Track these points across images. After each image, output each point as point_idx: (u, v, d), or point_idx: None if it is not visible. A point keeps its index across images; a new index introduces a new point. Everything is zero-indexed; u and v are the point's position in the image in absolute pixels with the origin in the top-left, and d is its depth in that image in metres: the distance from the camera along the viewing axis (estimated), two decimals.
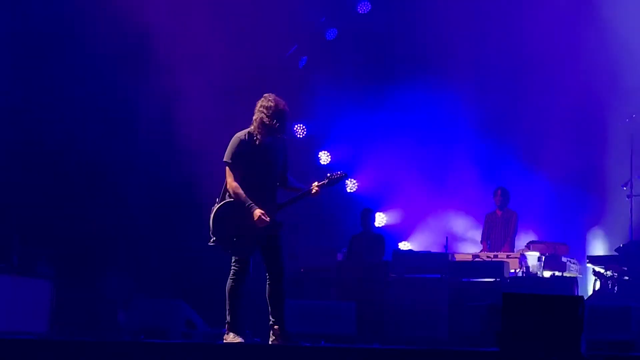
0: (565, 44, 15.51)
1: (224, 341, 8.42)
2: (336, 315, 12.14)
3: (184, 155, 14.42)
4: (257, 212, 8.47)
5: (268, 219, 8.50)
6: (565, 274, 13.13)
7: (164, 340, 7.33)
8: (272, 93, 8.81)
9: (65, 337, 7.25)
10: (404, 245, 16.24)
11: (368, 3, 16.73)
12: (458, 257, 13.61)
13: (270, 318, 8.67)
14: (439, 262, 13.17)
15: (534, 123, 15.78)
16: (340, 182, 9.19)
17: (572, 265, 13.42)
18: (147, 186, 15.02)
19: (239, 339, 8.45)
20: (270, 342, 8.46)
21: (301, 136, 17.11)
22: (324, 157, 17.14)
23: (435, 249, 14.44)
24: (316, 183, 8.93)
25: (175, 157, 14.68)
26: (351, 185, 17.13)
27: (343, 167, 16.86)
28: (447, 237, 13.67)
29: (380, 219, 16.57)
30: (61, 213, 14.45)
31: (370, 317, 12.68)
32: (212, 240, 8.62)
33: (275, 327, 8.63)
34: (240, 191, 8.54)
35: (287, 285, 13.42)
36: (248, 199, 8.51)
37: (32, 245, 14.16)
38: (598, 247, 15.14)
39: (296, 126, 17.11)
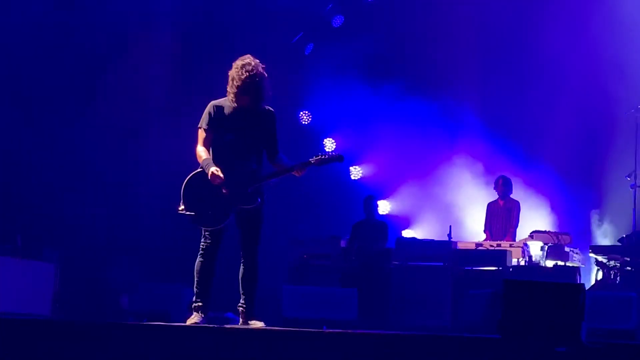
0: (572, 33, 15.47)
1: (187, 322, 8.04)
2: (338, 301, 12.16)
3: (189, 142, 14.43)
4: (212, 169, 8.05)
5: (222, 176, 8.03)
6: (568, 264, 13.13)
7: (165, 323, 7.34)
8: (252, 61, 8.17)
9: (67, 318, 7.25)
10: (407, 233, 16.25)
11: None
12: (461, 246, 13.62)
13: (241, 300, 8.33)
14: (442, 250, 13.19)
15: (538, 112, 15.78)
16: (332, 164, 8.56)
17: (575, 255, 13.42)
18: (154, 171, 15.05)
19: (196, 319, 8.07)
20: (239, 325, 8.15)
21: (306, 123, 17.11)
22: (329, 144, 17.13)
23: (438, 237, 14.43)
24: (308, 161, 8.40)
25: (181, 145, 14.70)
26: (355, 173, 17.14)
27: (347, 154, 16.92)
28: (450, 226, 13.64)
29: (384, 207, 16.57)
30: (67, 196, 14.50)
31: (372, 304, 12.71)
32: (180, 208, 8.24)
33: (242, 309, 8.28)
34: (203, 154, 8.19)
35: (289, 271, 13.68)
36: (208, 160, 8.15)
37: (36, 228, 14.22)
38: (601, 237, 15.13)
39: (301, 113, 17.11)
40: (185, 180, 8.33)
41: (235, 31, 15.11)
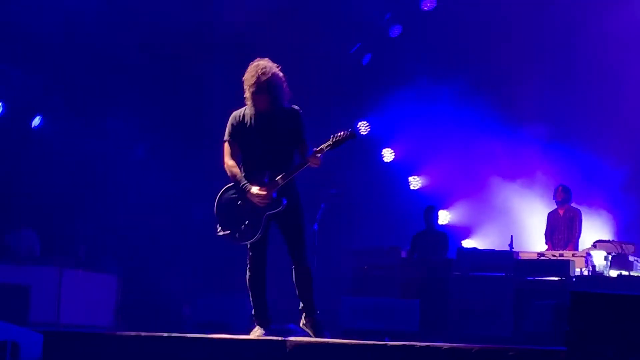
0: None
1: (250, 335, 7.95)
2: (399, 312, 12.12)
3: None
4: (253, 190, 7.90)
5: (265, 193, 7.85)
6: (632, 273, 12.90)
7: (230, 336, 7.34)
8: (267, 62, 7.99)
9: (129, 330, 7.28)
10: (467, 243, 16.14)
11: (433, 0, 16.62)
12: (523, 256, 13.46)
13: (300, 304, 8.18)
14: (503, 260, 13.05)
15: (601, 118, 15.55)
16: (346, 143, 8.07)
17: (639, 264, 13.21)
18: (213, 182, 15.08)
19: (258, 332, 8.01)
20: (301, 326, 8.07)
21: (365, 133, 17.08)
22: (388, 155, 17.12)
23: (498, 247, 14.31)
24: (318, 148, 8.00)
25: None
26: (414, 183, 17.08)
27: (407, 164, 16.92)
28: (511, 236, 13.51)
29: (444, 217, 16.48)
30: (127, 208, 14.64)
31: (433, 315, 12.63)
32: (218, 230, 8.16)
33: (303, 311, 8.18)
34: (234, 170, 8.05)
35: (350, 283, 13.63)
36: (242, 179, 7.98)
37: (98, 240, 14.38)
38: None
39: (359, 123, 17.09)
40: (215, 202, 8.22)
41: (293, 43, 15.13)
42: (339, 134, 8.03)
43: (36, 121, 15.92)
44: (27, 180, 14.84)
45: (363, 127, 17.14)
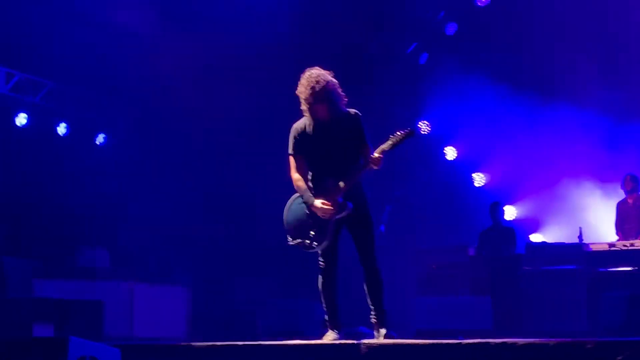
0: None
1: (324, 340, 7.98)
2: (471, 310, 12.09)
3: None
4: (317, 203, 7.93)
5: (329, 207, 7.87)
6: None
7: (303, 341, 7.37)
8: (319, 70, 7.95)
9: (202, 340, 7.35)
10: (535, 238, 16.01)
11: None
12: (593, 247, 13.32)
13: (371, 311, 8.16)
14: (574, 252, 12.96)
15: None
16: (406, 141, 8.06)
17: None
18: (277, 189, 15.13)
19: (332, 337, 8.04)
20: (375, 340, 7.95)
21: (426, 133, 17.03)
22: (450, 153, 17.06)
23: (567, 240, 14.17)
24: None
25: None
26: (478, 180, 16.99)
27: (469, 161, 16.84)
28: (580, 228, 13.38)
29: (510, 212, 16.36)
30: (194, 220, 14.77)
31: (506, 312, 12.58)
32: (288, 240, 8.18)
33: (374, 320, 8.13)
34: (300, 183, 8.07)
35: (419, 283, 13.60)
36: (307, 191, 8.02)
37: (168, 252, 14.52)
38: None
39: (420, 123, 17.05)
40: (284, 212, 8.27)
41: (350, 45, 15.14)
42: (397, 133, 8.02)
43: (100, 139, 16.15)
44: (94, 196, 15.06)
45: (424, 127, 17.10)
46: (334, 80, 7.98)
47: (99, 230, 14.65)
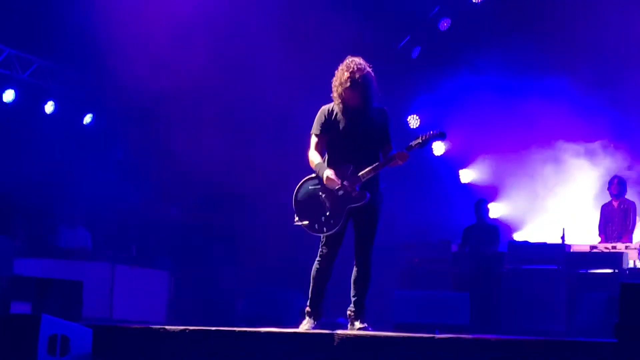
0: None
1: (299, 328, 8.00)
2: (450, 306, 12.08)
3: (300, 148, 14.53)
4: (327, 172, 7.93)
5: (339, 180, 7.89)
6: None
7: (277, 329, 7.36)
8: (362, 65, 7.91)
9: (182, 325, 7.32)
10: (518, 236, 16.04)
11: None
12: (575, 248, 13.37)
13: (351, 304, 8.16)
14: (555, 252, 12.99)
15: None
16: (432, 141, 8.32)
17: None
18: (264, 177, 15.13)
19: (308, 325, 8.05)
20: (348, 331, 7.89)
21: (415, 127, 17.03)
22: (438, 148, 17.05)
23: (550, 240, 14.20)
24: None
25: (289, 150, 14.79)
26: (465, 176, 17.01)
27: (458, 159, 16.84)
28: (563, 228, 13.41)
29: (495, 210, 16.38)
30: (178, 205, 14.75)
31: (485, 308, 12.60)
32: (295, 219, 8.15)
33: (351, 313, 8.14)
34: (314, 158, 8.07)
35: (401, 277, 13.61)
36: (321, 163, 8.03)
37: (150, 237, 14.50)
38: None
39: (409, 117, 17.05)
40: (295, 191, 8.24)
41: (342, 38, 15.11)
42: (428, 132, 8.12)
43: (87, 119, 16.10)
44: (79, 177, 15.02)
45: (413, 121, 17.10)
46: (372, 74, 7.99)
47: (82, 211, 14.60)
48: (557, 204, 15.92)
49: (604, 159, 15.62)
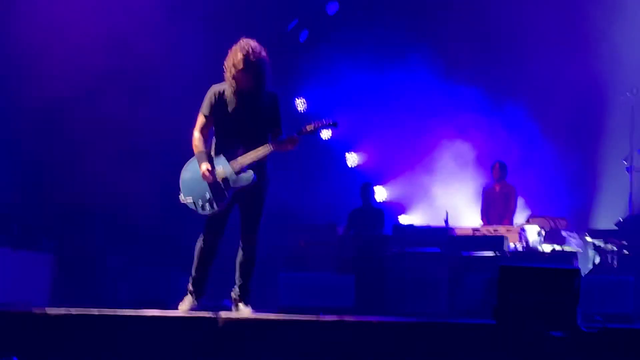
0: (567, 16, 15.44)
1: (180, 306, 8.08)
2: (335, 288, 12.20)
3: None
4: (203, 166, 7.95)
5: (213, 177, 7.95)
6: (565, 248, 13.12)
7: (159, 312, 7.33)
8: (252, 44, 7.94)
9: (64, 308, 7.22)
10: (403, 220, 16.25)
11: None
12: (458, 232, 13.61)
13: (235, 287, 8.26)
14: (439, 236, 13.19)
15: (534, 95, 15.74)
16: (324, 129, 8.55)
17: (572, 239, 13.42)
18: (151, 158, 14.94)
19: (190, 303, 8.11)
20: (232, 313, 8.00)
21: (302, 110, 17.07)
22: (325, 132, 17.12)
23: (435, 223, 14.43)
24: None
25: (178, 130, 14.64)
26: (351, 160, 17.13)
27: (344, 142, 16.95)
28: (446, 212, 13.63)
29: (380, 194, 16.56)
30: (63, 185, 14.47)
31: (370, 291, 12.72)
32: (180, 196, 8.19)
33: (235, 296, 8.23)
34: (198, 142, 8.08)
35: (286, 258, 13.65)
36: (202, 153, 8.04)
37: (33, 217, 14.20)
38: (598, 221, 15.11)
39: (297, 100, 17.08)
40: (183, 169, 8.25)
41: (231, 21, 15.03)
42: (321, 120, 8.22)
43: None
44: None
45: (300, 104, 17.13)
46: (267, 58, 7.97)
47: None
48: (442, 188, 16.17)
49: (484, 143, 15.96)
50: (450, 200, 15.63)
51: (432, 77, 16.08)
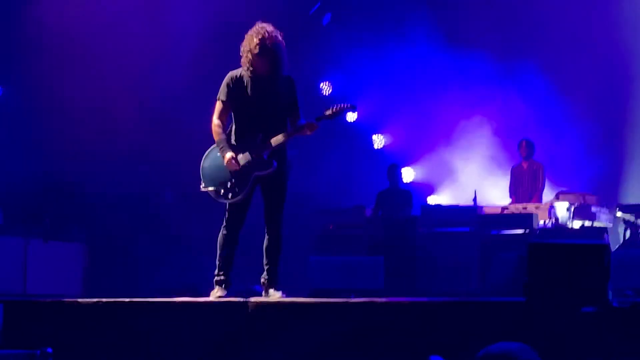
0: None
1: (211, 296, 8.03)
2: (364, 270, 12.19)
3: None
4: (228, 155, 7.93)
5: (238, 165, 7.93)
6: (595, 224, 13.06)
7: (192, 299, 7.37)
8: (267, 26, 7.89)
9: (98, 297, 7.28)
10: (431, 200, 16.22)
11: None
12: (487, 210, 13.58)
13: (264, 272, 8.21)
14: (467, 215, 13.17)
15: (560, 71, 15.57)
16: (343, 113, 8.30)
17: (602, 214, 13.33)
18: (175, 149, 14.99)
19: (220, 292, 8.04)
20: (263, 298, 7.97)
21: (327, 94, 17.04)
22: (351, 114, 17.08)
23: (463, 202, 14.39)
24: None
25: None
26: (378, 141, 17.10)
27: (370, 123, 16.92)
28: (475, 190, 13.59)
29: (408, 174, 16.51)
30: (91, 177, 14.56)
31: (400, 272, 12.72)
32: (202, 185, 8.18)
33: (264, 281, 8.18)
34: (219, 129, 8.05)
35: (315, 242, 13.68)
36: (223, 141, 8.01)
37: (64, 209, 14.29)
38: (629, 195, 14.98)
39: (322, 84, 17.06)
40: (203, 158, 8.26)
41: (252, 6, 15.02)
42: (339, 105, 8.13)
43: None
44: None
45: (325, 88, 17.11)
46: (283, 42, 7.93)
47: None
48: (469, 168, 16.11)
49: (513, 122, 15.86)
50: (477, 179, 15.58)
51: (458, 55, 15.93)
